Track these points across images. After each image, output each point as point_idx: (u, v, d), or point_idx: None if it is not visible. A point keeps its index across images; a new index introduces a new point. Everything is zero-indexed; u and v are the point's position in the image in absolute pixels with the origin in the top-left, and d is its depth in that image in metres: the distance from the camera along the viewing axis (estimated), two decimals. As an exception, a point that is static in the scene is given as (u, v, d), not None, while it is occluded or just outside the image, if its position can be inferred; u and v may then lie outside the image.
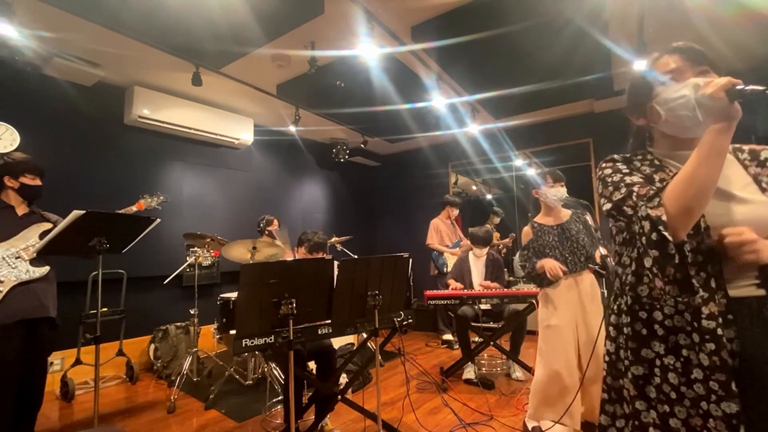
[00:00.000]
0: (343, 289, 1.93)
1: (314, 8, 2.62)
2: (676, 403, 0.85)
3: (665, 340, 0.89)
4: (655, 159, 1.01)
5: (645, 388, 0.91)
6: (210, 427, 2.56)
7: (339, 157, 5.44)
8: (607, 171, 1.02)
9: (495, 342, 3.21)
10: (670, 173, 0.96)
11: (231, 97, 4.11)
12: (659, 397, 0.88)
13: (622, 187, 0.95)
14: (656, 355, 0.90)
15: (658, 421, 0.87)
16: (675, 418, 0.85)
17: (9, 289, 2.02)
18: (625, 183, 0.96)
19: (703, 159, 0.82)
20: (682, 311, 0.87)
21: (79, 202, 2.31)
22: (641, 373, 0.92)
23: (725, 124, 0.81)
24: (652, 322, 0.91)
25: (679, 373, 0.86)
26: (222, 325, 3.10)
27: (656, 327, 0.90)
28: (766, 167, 0.95)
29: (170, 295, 4.03)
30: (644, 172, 0.98)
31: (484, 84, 3.74)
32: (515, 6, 2.60)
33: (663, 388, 0.88)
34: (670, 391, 0.86)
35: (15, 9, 2.38)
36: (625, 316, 0.97)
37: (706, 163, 0.81)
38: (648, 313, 0.92)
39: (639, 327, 0.94)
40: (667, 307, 0.89)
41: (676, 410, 0.85)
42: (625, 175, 0.98)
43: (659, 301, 0.91)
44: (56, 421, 2.73)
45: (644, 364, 0.92)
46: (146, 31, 2.79)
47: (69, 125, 3.45)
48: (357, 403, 2.36)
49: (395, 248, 5.49)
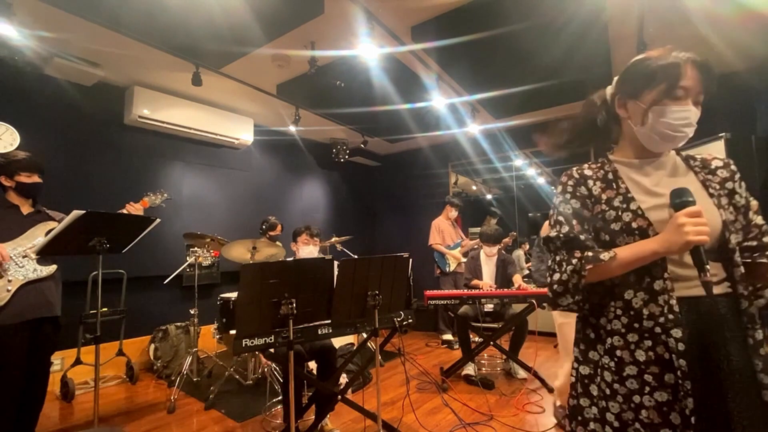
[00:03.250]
0: (343, 289, 1.93)
1: (314, 8, 2.62)
2: (610, 399, 0.92)
3: (605, 342, 0.96)
4: (609, 172, 1.02)
5: (589, 387, 0.98)
6: (210, 427, 2.56)
7: (339, 157, 5.44)
8: (558, 188, 1.06)
9: (495, 342, 3.21)
10: (618, 189, 0.98)
11: (231, 97, 4.11)
12: (599, 395, 0.95)
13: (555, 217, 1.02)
14: (599, 356, 0.97)
15: (598, 416, 0.95)
16: (609, 413, 0.92)
17: (17, 288, 2.02)
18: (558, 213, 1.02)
19: (627, 266, 0.90)
20: (619, 315, 0.93)
21: (78, 202, 2.31)
22: (587, 373, 1.00)
23: (664, 251, 0.86)
24: (598, 327, 0.98)
25: (613, 372, 0.92)
26: (222, 325, 3.11)
27: (601, 331, 0.97)
28: (716, 175, 0.99)
29: (170, 295, 4.03)
30: (594, 191, 1.00)
31: (484, 84, 3.74)
32: (515, 6, 2.60)
33: (601, 386, 0.95)
34: (605, 388, 0.94)
35: (15, 9, 2.38)
36: (580, 322, 1.04)
37: (627, 268, 0.90)
38: (596, 318, 0.99)
39: (588, 331, 1.01)
40: (611, 313, 0.95)
41: (610, 405, 0.92)
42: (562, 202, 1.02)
43: (604, 307, 0.97)
44: (56, 421, 2.73)
45: (590, 364, 0.99)
46: (146, 31, 2.79)
47: (69, 125, 3.45)
48: (357, 403, 2.36)
49: (395, 248, 5.49)
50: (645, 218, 0.92)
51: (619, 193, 0.97)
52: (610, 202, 0.97)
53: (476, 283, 3.58)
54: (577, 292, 0.95)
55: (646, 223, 0.91)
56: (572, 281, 0.94)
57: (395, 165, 6.49)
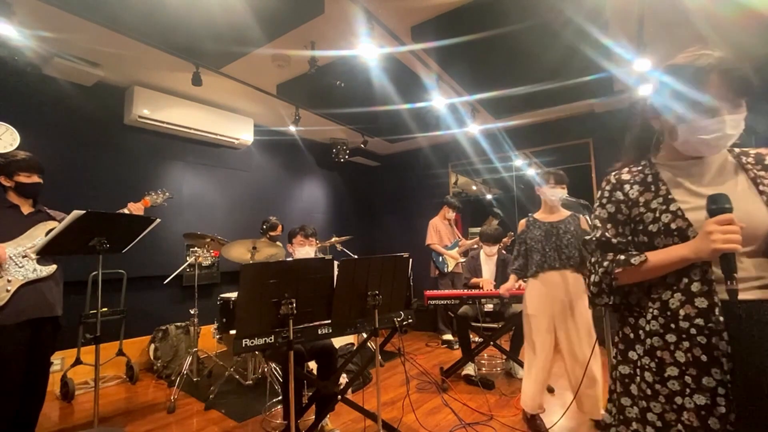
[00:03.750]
0: (343, 289, 1.93)
1: (314, 8, 2.62)
2: (652, 399, 0.92)
3: (644, 342, 0.95)
4: (649, 175, 1.02)
5: (629, 387, 0.98)
6: (210, 427, 2.56)
7: (339, 157, 5.44)
8: (598, 194, 1.09)
9: (495, 342, 3.21)
10: (658, 191, 0.98)
11: (231, 97, 4.11)
12: (639, 394, 0.95)
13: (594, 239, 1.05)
14: (638, 356, 0.97)
15: (639, 416, 0.95)
16: (651, 413, 0.92)
17: (17, 288, 2.02)
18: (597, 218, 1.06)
19: (657, 270, 0.92)
20: (657, 316, 0.93)
21: (79, 202, 2.31)
22: (627, 373, 1.00)
23: (694, 257, 0.87)
24: (637, 327, 0.98)
25: (654, 372, 0.92)
26: (222, 325, 3.11)
27: (639, 332, 0.97)
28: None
29: (170, 295, 4.03)
30: (631, 195, 1.01)
31: (484, 84, 3.74)
32: (515, 6, 2.60)
33: (641, 386, 0.95)
34: (646, 389, 0.93)
35: (15, 9, 2.38)
36: (619, 322, 1.05)
37: (658, 272, 0.92)
38: (635, 318, 0.99)
39: (627, 331, 1.01)
40: (648, 313, 0.95)
41: (652, 405, 0.92)
42: (599, 206, 1.06)
43: (642, 308, 0.97)
44: (56, 421, 2.73)
45: (630, 364, 0.99)
46: (146, 31, 2.79)
47: (69, 125, 3.45)
48: (357, 403, 2.36)
49: (395, 248, 5.49)
50: (685, 219, 0.91)
51: (658, 195, 0.97)
52: (648, 204, 0.98)
53: (476, 281, 3.58)
54: (612, 293, 0.99)
55: (686, 224, 0.91)
56: (605, 282, 0.98)
57: (395, 165, 6.49)
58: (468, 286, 3.62)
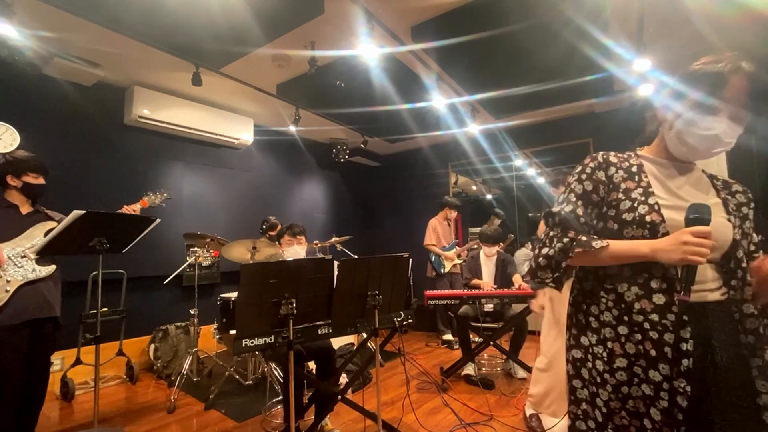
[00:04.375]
0: (343, 289, 1.93)
1: (314, 8, 2.62)
2: (600, 387, 0.96)
3: (597, 331, 0.99)
4: (634, 165, 1.04)
5: (581, 370, 1.02)
6: (210, 427, 2.56)
7: (339, 157, 5.44)
8: (578, 168, 1.08)
9: (495, 342, 3.21)
10: (640, 182, 1.00)
11: (231, 97, 4.11)
12: (590, 379, 1.00)
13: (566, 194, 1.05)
14: (590, 344, 1.00)
15: (589, 399, 1.00)
16: (599, 398, 0.97)
17: (16, 288, 2.02)
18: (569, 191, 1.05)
19: (615, 259, 0.93)
20: (611, 308, 0.96)
21: (78, 202, 2.31)
22: (579, 357, 1.03)
23: (653, 257, 0.88)
24: (589, 314, 1.01)
25: (604, 362, 0.96)
26: (222, 325, 3.10)
27: (591, 319, 1.01)
28: (734, 197, 1.03)
29: (170, 295, 4.03)
30: (615, 179, 1.01)
31: (484, 84, 3.74)
32: (515, 6, 2.60)
33: (592, 372, 0.99)
34: (597, 376, 0.98)
35: (15, 9, 2.38)
36: (573, 308, 1.08)
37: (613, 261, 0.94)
38: (587, 306, 1.02)
39: (581, 317, 1.04)
40: (602, 303, 0.98)
41: (600, 392, 0.97)
42: (577, 181, 1.04)
43: (595, 296, 1.00)
44: (56, 421, 2.73)
45: (582, 349, 1.03)
46: (146, 31, 2.79)
47: (69, 125, 3.45)
48: (357, 403, 2.36)
49: (395, 248, 5.49)
50: (660, 214, 0.93)
51: (640, 185, 0.99)
52: (628, 192, 0.98)
53: (476, 282, 3.58)
54: (558, 270, 0.98)
55: (659, 219, 0.92)
56: (557, 258, 0.97)
57: (395, 165, 6.49)
58: (468, 286, 3.62)
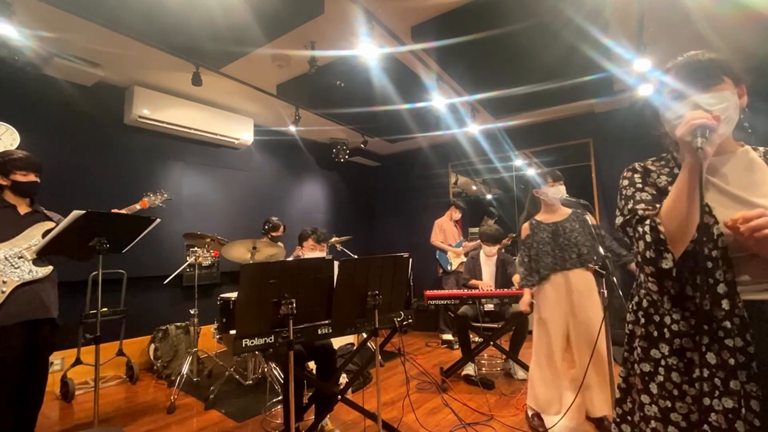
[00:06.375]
0: (343, 289, 1.93)
1: (314, 8, 2.62)
2: (678, 400, 0.91)
3: (671, 342, 0.94)
4: (675, 167, 1.02)
5: (649, 385, 0.97)
6: (210, 427, 2.55)
7: (339, 157, 5.44)
8: (624, 182, 1.06)
9: (495, 342, 3.21)
10: None
11: (231, 97, 4.11)
12: (662, 393, 0.94)
13: (630, 204, 1.00)
14: (662, 355, 0.95)
15: (659, 415, 0.94)
16: (675, 413, 0.91)
17: (12, 289, 2.01)
18: (634, 200, 1.00)
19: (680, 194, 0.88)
20: (687, 317, 0.92)
21: (78, 202, 2.31)
22: (648, 371, 0.98)
23: (693, 162, 0.85)
24: (663, 325, 0.96)
25: (682, 373, 0.91)
26: (222, 325, 3.11)
27: (665, 330, 0.95)
28: None
29: (170, 295, 4.03)
30: (660, 183, 1.00)
31: (484, 84, 3.74)
32: (515, 6, 2.60)
33: (666, 385, 0.93)
34: (673, 389, 0.92)
35: (15, 9, 2.37)
36: (641, 317, 1.02)
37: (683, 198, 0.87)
38: (660, 317, 0.97)
39: (652, 329, 0.99)
40: (676, 313, 0.94)
41: (677, 406, 0.91)
42: (637, 191, 1.01)
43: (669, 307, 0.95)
44: (56, 421, 2.72)
45: (651, 362, 0.97)
46: (146, 31, 2.79)
47: (69, 125, 3.45)
48: (357, 403, 2.36)
49: (395, 248, 5.48)
50: (711, 215, 0.90)
51: None
52: None
53: (474, 283, 3.58)
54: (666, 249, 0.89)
55: (712, 221, 0.89)
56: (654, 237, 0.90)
57: (395, 165, 6.49)
58: (467, 286, 3.62)
